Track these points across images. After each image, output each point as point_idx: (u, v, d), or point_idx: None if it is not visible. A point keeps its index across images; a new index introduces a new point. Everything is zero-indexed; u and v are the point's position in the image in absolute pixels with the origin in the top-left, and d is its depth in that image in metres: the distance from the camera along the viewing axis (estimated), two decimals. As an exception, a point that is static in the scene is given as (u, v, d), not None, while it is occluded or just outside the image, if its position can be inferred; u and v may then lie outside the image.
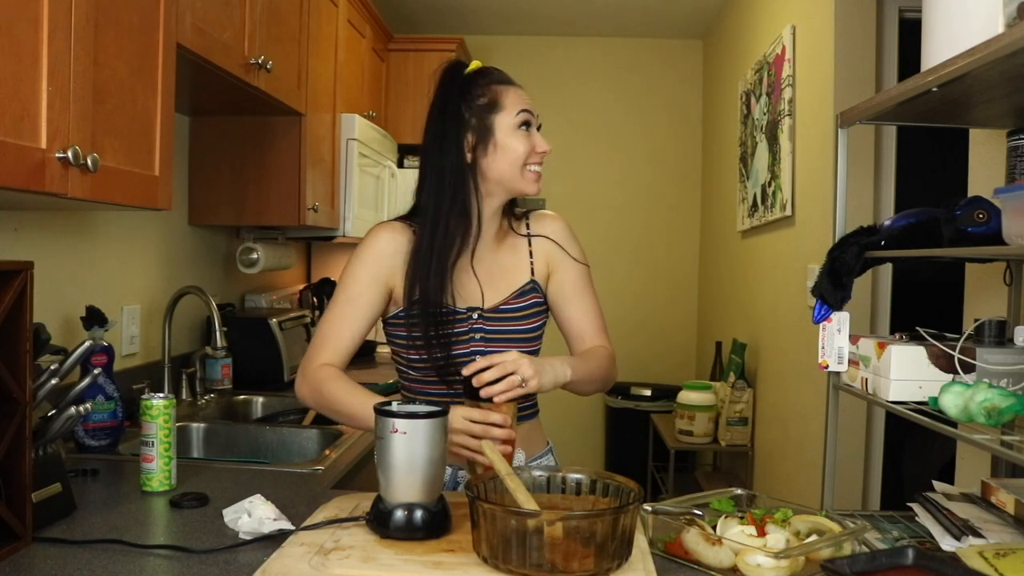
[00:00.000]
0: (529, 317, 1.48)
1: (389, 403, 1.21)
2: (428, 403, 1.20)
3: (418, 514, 1.14)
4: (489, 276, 1.48)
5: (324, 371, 1.40)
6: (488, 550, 1.05)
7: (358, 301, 1.43)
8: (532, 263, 1.52)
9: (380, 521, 1.15)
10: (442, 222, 1.41)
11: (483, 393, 1.27)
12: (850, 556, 0.93)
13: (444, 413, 1.17)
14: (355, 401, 1.36)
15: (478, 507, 1.05)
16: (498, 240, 1.52)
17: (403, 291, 1.43)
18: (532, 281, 1.50)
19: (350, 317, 1.43)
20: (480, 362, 1.29)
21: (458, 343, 1.43)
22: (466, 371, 1.29)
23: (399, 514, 1.14)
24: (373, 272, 1.44)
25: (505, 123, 1.42)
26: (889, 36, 2.60)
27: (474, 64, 1.48)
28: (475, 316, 1.44)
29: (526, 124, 1.43)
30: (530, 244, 1.53)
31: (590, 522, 1.02)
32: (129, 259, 2.22)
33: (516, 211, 1.55)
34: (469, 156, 1.42)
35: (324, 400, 1.39)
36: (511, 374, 1.27)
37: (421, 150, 1.47)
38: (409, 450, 1.13)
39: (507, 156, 1.42)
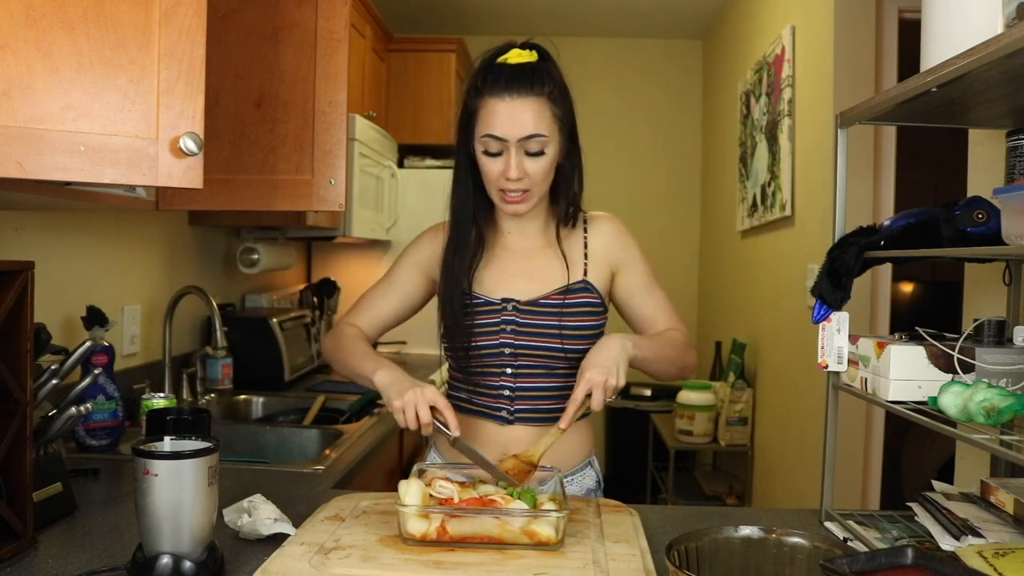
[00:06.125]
0: (578, 315, 1.42)
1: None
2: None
3: (184, 566, 1.04)
4: (532, 271, 1.45)
5: (350, 328, 1.51)
6: None
7: (394, 281, 1.54)
8: (587, 264, 1.47)
9: (139, 571, 1.05)
10: (452, 216, 1.46)
11: (595, 406, 1.26)
12: (849, 556, 0.94)
13: (208, 452, 1.07)
14: (358, 358, 1.42)
15: None
16: (545, 235, 1.49)
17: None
18: (584, 281, 1.45)
19: (384, 293, 1.54)
20: (570, 410, 1.26)
21: (486, 334, 1.41)
22: (564, 424, 1.27)
23: (161, 563, 1.04)
24: (414, 260, 1.53)
25: (477, 139, 1.37)
26: (889, 36, 2.60)
27: (508, 55, 1.37)
28: (509, 308, 1.42)
29: (487, 152, 1.36)
30: (586, 246, 1.49)
31: None
32: (129, 259, 2.22)
33: (570, 210, 1.49)
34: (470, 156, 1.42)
35: (339, 348, 1.47)
36: (587, 395, 1.25)
37: None
38: (164, 494, 1.03)
39: (482, 172, 1.40)
